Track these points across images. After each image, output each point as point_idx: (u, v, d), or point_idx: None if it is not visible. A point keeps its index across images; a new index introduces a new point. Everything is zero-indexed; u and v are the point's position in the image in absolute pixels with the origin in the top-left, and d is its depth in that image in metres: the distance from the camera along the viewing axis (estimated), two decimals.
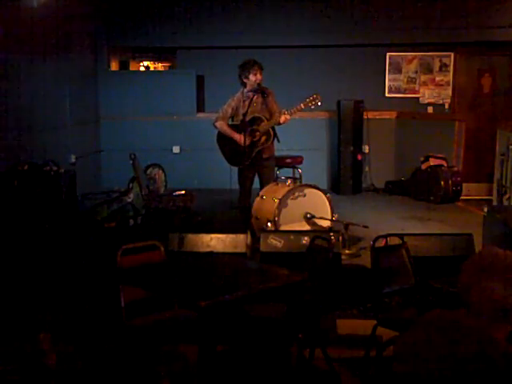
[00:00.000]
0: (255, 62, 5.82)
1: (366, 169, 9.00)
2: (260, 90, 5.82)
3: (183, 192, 6.64)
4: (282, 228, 5.34)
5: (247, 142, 5.74)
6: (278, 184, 5.82)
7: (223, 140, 6.00)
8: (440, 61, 9.08)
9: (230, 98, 5.97)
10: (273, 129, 5.79)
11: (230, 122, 5.98)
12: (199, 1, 8.93)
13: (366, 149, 8.99)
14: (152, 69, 10.86)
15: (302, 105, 5.65)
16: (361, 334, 4.04)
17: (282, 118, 5.67)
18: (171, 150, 9.05)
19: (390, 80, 9.14)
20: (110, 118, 9.02)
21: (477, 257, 1.95)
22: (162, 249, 3.63)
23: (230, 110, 5.94)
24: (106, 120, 9.06)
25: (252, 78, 5.80)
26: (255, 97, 5.84)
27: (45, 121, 6.99)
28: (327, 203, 5.59)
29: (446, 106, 9.12)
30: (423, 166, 8.20)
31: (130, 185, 6.46)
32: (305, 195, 5.57)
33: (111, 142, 8.98)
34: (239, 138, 5.78)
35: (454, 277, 1.98)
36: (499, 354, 1.74)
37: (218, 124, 5.97)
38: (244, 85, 5.88)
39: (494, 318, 1.83)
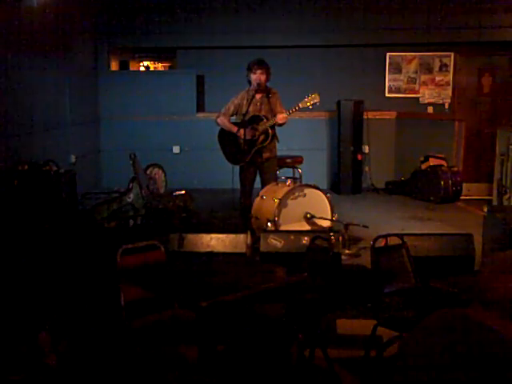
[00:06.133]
0: (257, 61, 5.80)
1: (366, 169, 9.00)
2: (264, 89, 5.82)
3: (183, 192, 6.63)
4: (282, 228, 5.34)
5: (248, 136, 5.74)
6: (277, 184, 5.82)
7: (224, 138, 6.00)
8: (440, 61, 9.08)
9: (234, 96, 5.98)
10: (272, 129, 5.78)
11: (231, 120, 6.00)
12: (199, 1, 8.93)
13: (366, 149, 9.00)
14: (152, 69, 10.87)
15: (299, 104, 5.64)
16: (361, 334, 4.03)
17: (280, 117, 5.65)
18: (171, 149, 9.06)
19: (390, 80, 9.15)
20: (110, 118, 9.03)
21: (502, 256, 1.95)
22: (162, 249, 3.62)
23: (232, 107, 5.95)
24: (106, 120, 9.06)
25: (252, 76, 5.79)
26: (258, 96, 5.84)
27: (45, 121, 6.99)
28: (327, 203, 5.59)
29: (446, 106, 9.12)
30: (423, 166, 8.20)
31: (130, 185, 6.44)
32: (305, 195, 5.57)
33: (111, 142, 9.00)
34: (240, 132, 5.78)
35: (454, 277, 1.98)
36: (508, 352, 1.73)
37: (219, 120, 5.99)
38: (250, 83, 5.89)
39: None
